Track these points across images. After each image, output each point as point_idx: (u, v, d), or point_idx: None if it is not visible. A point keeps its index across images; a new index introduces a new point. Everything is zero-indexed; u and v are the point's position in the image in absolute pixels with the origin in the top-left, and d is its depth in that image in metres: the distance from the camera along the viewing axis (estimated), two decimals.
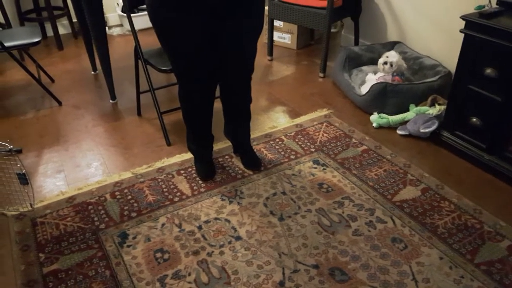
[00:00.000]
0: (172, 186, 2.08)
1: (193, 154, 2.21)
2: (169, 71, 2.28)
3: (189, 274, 1.62)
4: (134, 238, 1.79)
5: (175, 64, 1.86)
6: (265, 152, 2.33)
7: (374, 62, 2.93)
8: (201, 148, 2.17)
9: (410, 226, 1.83)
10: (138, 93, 2.65)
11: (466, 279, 1.59)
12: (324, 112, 2.70)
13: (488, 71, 2.01)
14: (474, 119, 2.15)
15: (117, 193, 2.04)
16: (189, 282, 1.59)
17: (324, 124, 2.57)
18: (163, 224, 1.85)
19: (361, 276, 1.61)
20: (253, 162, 2.20)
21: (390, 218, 1.88)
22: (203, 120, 2.07)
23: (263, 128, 2.54)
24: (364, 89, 2.67)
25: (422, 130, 2.36)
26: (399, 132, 2.48)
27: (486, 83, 2.05)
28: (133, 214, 1.91)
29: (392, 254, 1.70)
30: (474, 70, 2.08)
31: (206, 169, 2.16)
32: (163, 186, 2.08)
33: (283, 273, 1.63)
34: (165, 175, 2.16)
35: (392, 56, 2.65)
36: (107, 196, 2.02)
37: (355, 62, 3.00)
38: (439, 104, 2.47)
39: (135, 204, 1.97)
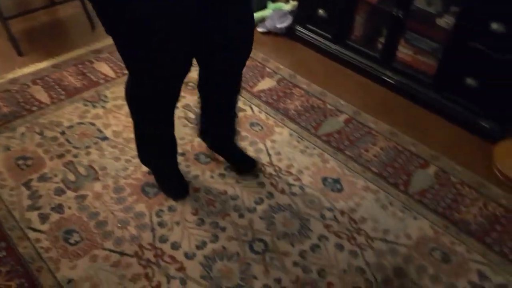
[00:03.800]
0: (28, 96, 1.98)
1: (154, 171, 1.64)
2: None
3: (56, 176, 1.65)
4: None
5: (133, 51, 1.20)
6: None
7: None
8: (167, 160, 1.62)
9: (266, 111, 2.04)
10: None
11: (310, 148, 1.86)
12: None
13: None
14: (321, 11, 2.34)
15: None
16: (56, 182, 1.62)
17: None
18: (22, 133, 1.80)
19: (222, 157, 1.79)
20: (247, 163, 1.72)
21: (249, 107, 2.06)
22: (169, 124, 1.52)
23: None
24: None
25: (278, 26, 2.52)
26: (259, 29, 2.61)
27: None
28: None
29: (250, 136, 1.89)
30: None
31: (178, 184, 1.63)
32: (18, 97, 1.97)
33: None
34: (19, 85, 2.03)
35: None
36: None
37: None
38: (293, 0, 2.62)
39: None
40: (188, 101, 2.04)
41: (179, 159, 1.71)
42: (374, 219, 1.59)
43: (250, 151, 1.82)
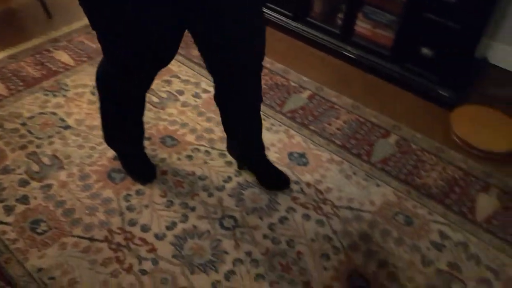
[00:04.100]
0: None
1: (120, 156, 1.65)
2: None
3: (19, 167, 1.62)
4: None
5: (123, 48, 1.19)
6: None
7: None
8: (134, 145, 1.63)
9: None
10: None
11: (275, 125, 1.89)
12: None
13: None
14: None
15: None
16: (20, 174, 1.60)
17: None
18: None
19: (189, 139, 1.80)
20: (279, 180, 1.65)
21: (213, 88, 2.06)
22: (139, 111, 1.53)
23: None
24: None
25: None
26: None
27: None
28: None
29: (215, 116, 1.90)
30: None
31: (145, 167, 1.64)
32: None
33: None
34: None
35: None
36: None
37: None
38: None
39: None
40: (152, 85, 2.03)
41: (145, 143, 1.71)
42: (339, 189, 1.64)
43: (217, 132, 1.83)
